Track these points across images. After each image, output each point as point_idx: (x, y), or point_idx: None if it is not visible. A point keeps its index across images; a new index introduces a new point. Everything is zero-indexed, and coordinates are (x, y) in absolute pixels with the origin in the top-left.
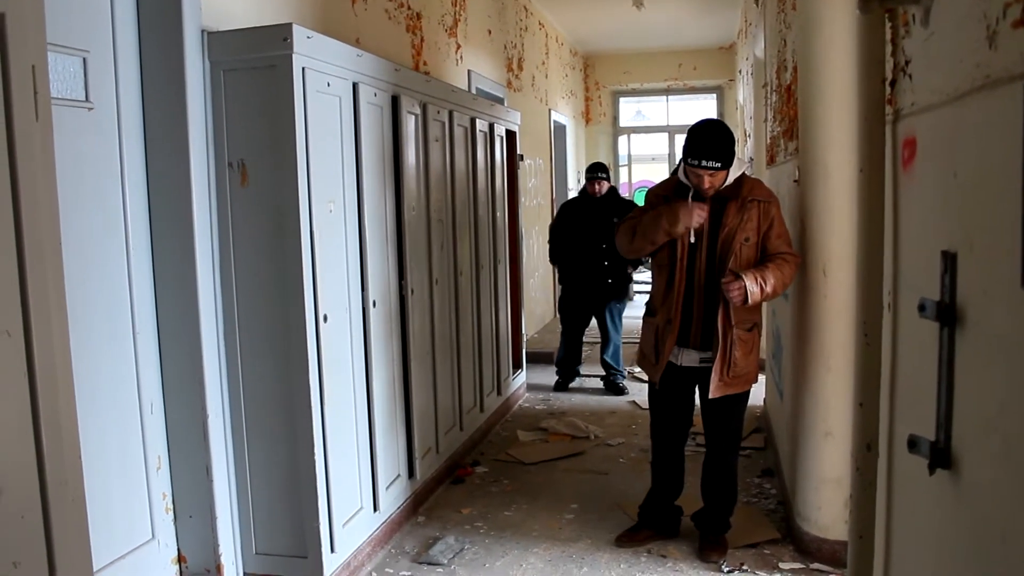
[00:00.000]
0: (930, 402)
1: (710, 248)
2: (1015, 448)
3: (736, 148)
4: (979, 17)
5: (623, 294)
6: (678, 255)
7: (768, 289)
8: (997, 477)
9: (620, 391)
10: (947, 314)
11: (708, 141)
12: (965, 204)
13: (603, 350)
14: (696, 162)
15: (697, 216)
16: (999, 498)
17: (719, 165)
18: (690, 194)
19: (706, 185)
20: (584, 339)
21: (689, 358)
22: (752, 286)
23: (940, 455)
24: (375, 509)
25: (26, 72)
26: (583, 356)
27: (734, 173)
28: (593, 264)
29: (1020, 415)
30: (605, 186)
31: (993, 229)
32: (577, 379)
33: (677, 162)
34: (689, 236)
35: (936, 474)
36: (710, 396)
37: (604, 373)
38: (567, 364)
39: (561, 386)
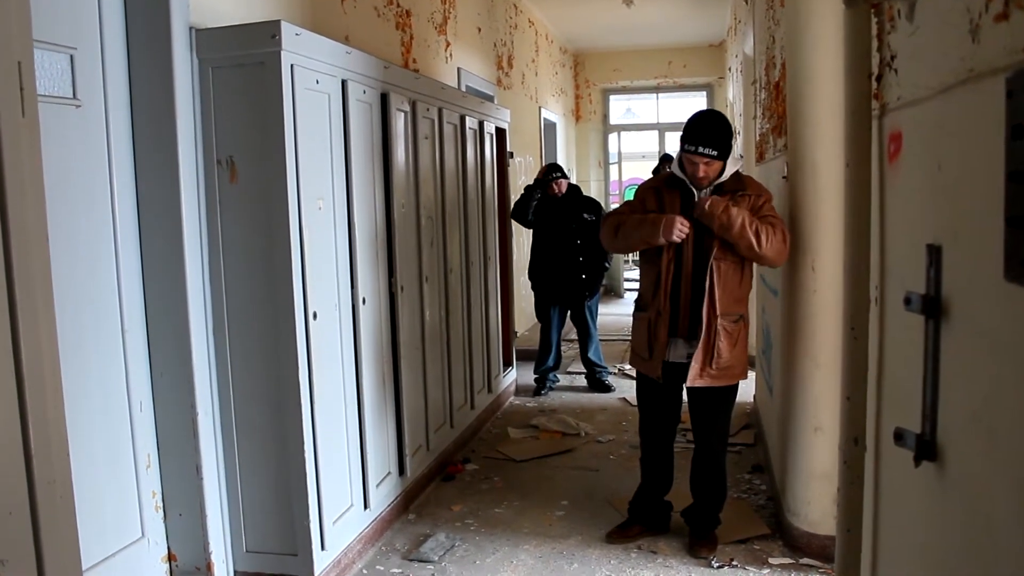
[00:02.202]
0: (916, 395)
1: (697, 239)
2: (999, 439)
3: (733, 143)
4: (962, 11)
5: (598, 288)
6: (666, 248)
7: (736, 219)
8: (982, 468)
9: (607, 388)
10: (932, 307)
11: (707, 129)
12: (950, 197)
13: (585, 348)
14: (693, 148)
15: (678, 232)
16: (984, 489)
17: (716, 153)
18: (686, 180)
19: (700, 174)
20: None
21: (677, 353)
22: (719, 200)
23: (926, 447)
24: (365, 507)
25: (12, 68)
26: (562, 357)
27: (729, 169)
28: (567, 261)
29: (1004, 406)
30: (564, 184)
31: (977, 222)
32: (557, 382)
33: (659, 159)
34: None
35: (922, 466)
36: (687, 384)
37: (587, 371)
38: (548, 371)
39: (537, 392)
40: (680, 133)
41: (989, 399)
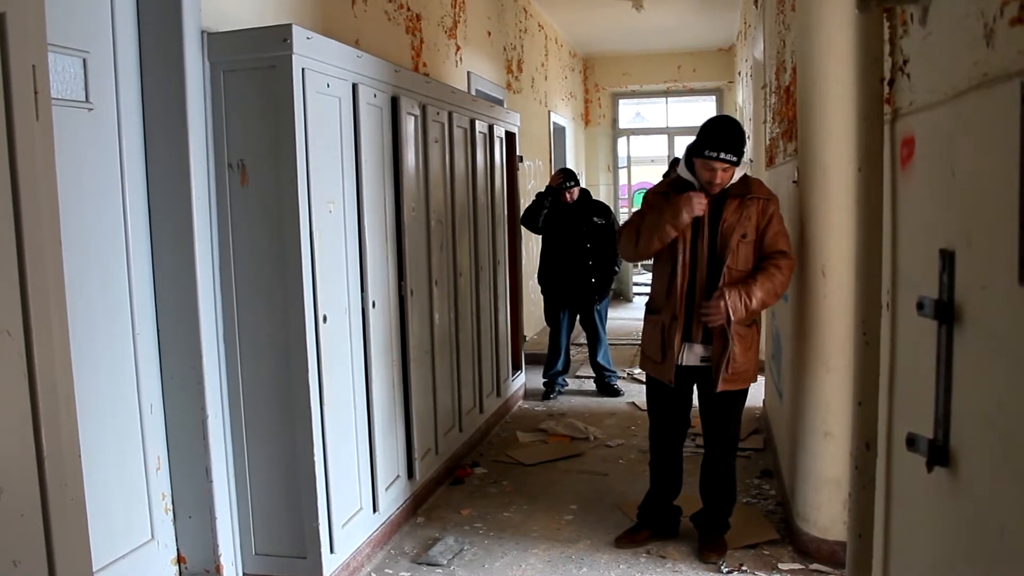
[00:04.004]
0: (929, 400)
1: (710, 244)
2: (1013, 445)
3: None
4: (976, 15)
5: (607, 292)
6: (679, 251)
7: (755, 304)
8: (995, 474)
9: (615, 392)
10: (945, 312)
11: (726, 135)
12: (963, 202)
13: (594, 352)
14: (715, 154)
15: (698, 205)
16: (997, 495)
17: (735, 159)
18: (695, 183)
19: (717, 180)
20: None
21: (691, 356)
22: (735, 301)
23: (938, 453)
24: (374, 510)
25: (26, 72)
26: (572, 362)
27: (739, 171)
28: (576, 265)
29: (1018, 412)
30: (576, 192)
31: (991, 226)
32: (566, 386)
33: (669, 164)
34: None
35: (934, 472)
36: (717, 390)
37: (596, 375)
38: (557, 375)
39: (546, 396)
40: (692, 137)
41: (1003, 404)
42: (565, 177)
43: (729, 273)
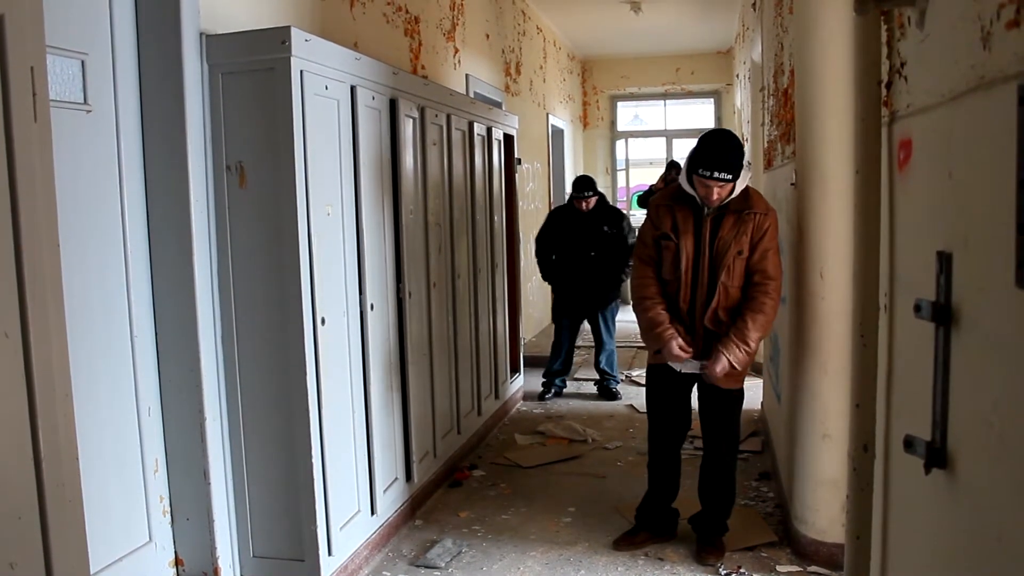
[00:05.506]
0: (926, 402)
1: (710, 261)
2: (1010, 446)
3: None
4: (973, 18)
5: (615, 298)
6: (682, 269)
7: (753, 346)
8: (993, 475)
9: (614, 396)
10: (942, 314)
11: (720, 152)
12: (960, 204)
13: (598, 355)
14: (708, 173)
15: (680, 355)
16: (995, 496)
17: (730, 177)
18: (696, 196)
19: (714, 197)
20: (578, 344)
21: (690, 364)
22: (736, 354)
23: (936, 455)
24: (372, 512)
25: (25, 73)
26: (573, 364)
27: (740, 185)
28: (586, 271)
29: (1015, 413)
30: (593, 202)
31: (988, 229)
32: (564, 388)
33: (667, 165)
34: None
35: (932, 473)
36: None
37: (598, 378)
38: (555, 375)
39: (542, 396)
40: (691, 140)
41: (999, 406)
42: (583, 187)
43: (724, 290)
